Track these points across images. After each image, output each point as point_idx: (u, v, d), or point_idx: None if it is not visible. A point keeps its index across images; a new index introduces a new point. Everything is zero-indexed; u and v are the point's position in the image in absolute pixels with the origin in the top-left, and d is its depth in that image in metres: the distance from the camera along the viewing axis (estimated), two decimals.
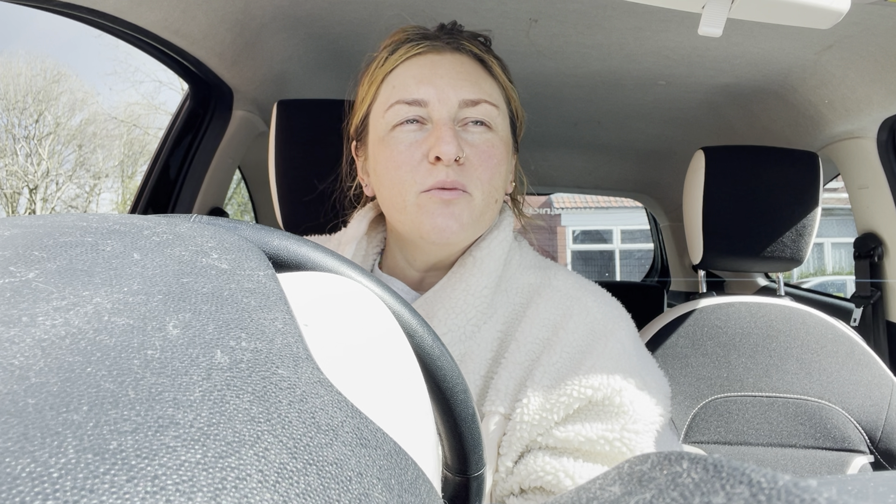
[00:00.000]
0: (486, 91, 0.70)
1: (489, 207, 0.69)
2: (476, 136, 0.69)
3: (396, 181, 0.68)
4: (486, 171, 0.68)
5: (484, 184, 0.68)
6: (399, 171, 0.67)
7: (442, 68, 0.69)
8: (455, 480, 0.35)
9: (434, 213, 0.66)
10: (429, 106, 0.68)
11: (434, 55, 0.70)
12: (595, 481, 0.20)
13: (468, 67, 0.71)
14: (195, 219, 0.29)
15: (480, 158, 0.68)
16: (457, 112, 0.68)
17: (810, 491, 0.14)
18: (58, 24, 23.28)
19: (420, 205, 0.67)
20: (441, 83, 0.68)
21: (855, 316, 1.50)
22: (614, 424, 0.61)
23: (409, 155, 0.67)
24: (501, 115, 0.72)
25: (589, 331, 0.67)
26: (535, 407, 0.62)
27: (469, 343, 0.68)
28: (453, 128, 0.67)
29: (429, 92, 0.68)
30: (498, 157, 0.69)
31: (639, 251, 12.03)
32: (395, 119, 0.69)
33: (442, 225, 0.66)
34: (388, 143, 0.69)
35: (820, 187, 1.22)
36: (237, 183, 2.04)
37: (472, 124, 0.69)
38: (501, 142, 0.71)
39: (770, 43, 1.25)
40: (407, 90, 0.69)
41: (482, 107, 0.69)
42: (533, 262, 0.76)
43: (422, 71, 0.69)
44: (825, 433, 1.09)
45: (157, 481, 0.15)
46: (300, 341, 0.22)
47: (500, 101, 0.72)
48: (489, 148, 0.69)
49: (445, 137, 0.65)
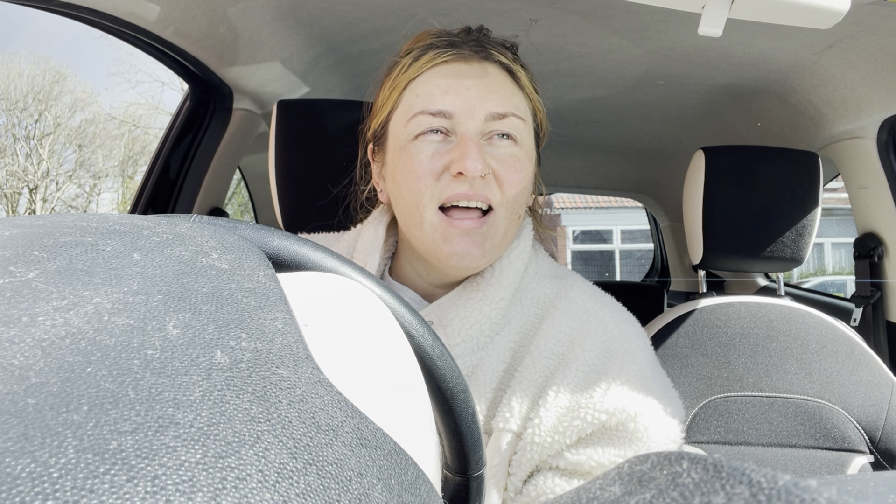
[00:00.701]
0: (514, 104, 0.68)
1: (512, 225, 0.68)
2: (502, 151, 0.67)
3: (415, 192, 0.65)
4: (511, 187, 0.66)
5: (510, 201, 0.66)
6: (418, 182, 0.65)
7: (469, 79, 0.66)
8: (455, 480, 0.35)
9: (454, 241, 0.64)
10: (454, 118, 0.65)
11: (461, 64, 0.67)
12: (595, 481, 0.20)
13: (496, 78, 0.68)
14: (195, 219, 0.29)
15: (507, 173, 0.66)
16: (483, 125, 0.66)
17: (810, 491, 0.14)
18: (60, 24, 23.30)
19: (438, 227, 0.65)
20: (468, 94, 0.65)
21: (855, 316, 1.50)
22: (628, 451, 0.60)
23: (430, 166, 0.65)
24: (527, 129, 0.69)
25: (605, 349, 0.65)
26: (547, 428, 0.61)
27: (481, 354, 0.66)
28: (479, 143, 0.65)
29: (455, 103, 0.65)
30: (523, 173, 0.67)
31: (639, 251, 12.03)
32: (417, 129, 0.66)
33: (463, 252, 0.64)
34: (409, 153, 0.67)
35: (820, 187, 1.22)
36: (237, 183, 2.04)
37: (497, 137, 0.67)
38: (526, 156, 0.69)
39: (770, 43, 1.25)
40: (432, 100, 0.66)
41: (509, 120, 0.67)
42: (549, 270, 0.75)
43: (447, 81, 0.67)
44: (825, 433, 1.09)
45: (157, 481, 0.15)
46: (300, 341, 0.22)
47: (526, 113, 0.70)
48: (515, 163, 0.67)
49: (472, 154, 0.63)
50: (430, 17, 0.84)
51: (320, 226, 0.96)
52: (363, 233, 0.78)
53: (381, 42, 1.32)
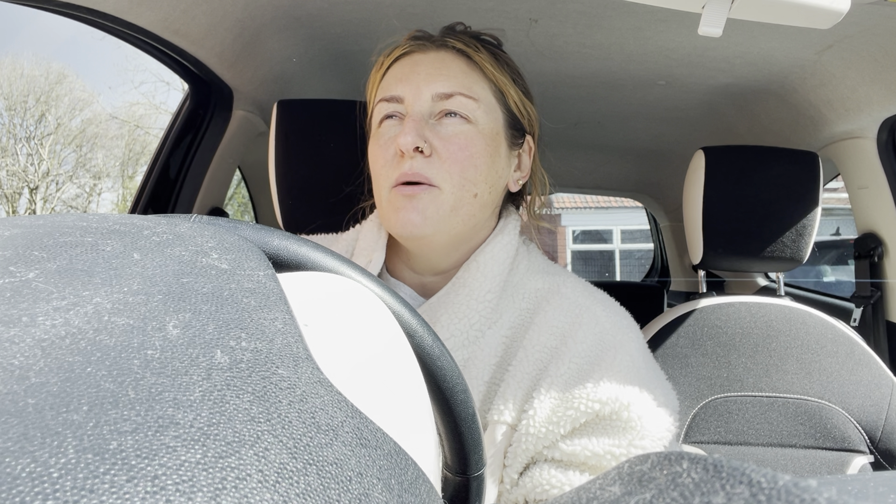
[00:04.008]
0: (464, 84, 0.69)
1: (464, 202, 0.68)
2: (448, 128, 0.68)
3: (377, 176, 0.70)
4: (455, 163, 0.67)
5: (454, 176, 0.67)
6: (376, 164, 0.70)
7: (421, 66, 0.70)
8: (455, 480, 0.35)
9: (399, 208, 0.66)
10: (405, 101, 0.69)
11: (418, 54, 0.72)
12: (595, 481, 0.20)
13: (448, 63, 0.71)
14: (195, 219, 0.29)
15: (450, 150, 0.67)
16: (431, 106, 0.69)
17: (810, 491, 0.14)
18: (60, 25, 23.30)
19: (390, 200, 0.68)
20: (417, 79, 0.69)
21: (855, 316, 1.50)
22: (622, 440, 0.60)
23: (386, 149, 0.69)
24: (484, 110, 0.70)
25: (598, 341, 0.66)
26: (541, 419, 0.61)
27: (472, 348, 0.67)
28: (418, 120, 0.67)
29: (405, 89, 0.69)
30: (473, 150, 0.68)
31: (639, 251, 12.03)
32: (378, 116, 0.72)
33: (404, 219, 0.66)
34: (375, 140, 0.72)
35: (820, 187, 1.22)
36: (237, 183, 2.04)
37: (446, 117, 0.69)
38: (480, 135, 0.69)
39: (770, 43, 1.25)
40: (388, 88, 0.71)
41: (456, 99, 0.68)
42: (541, 266, 0.75)
43: (403, 70, 0.71)
44: (825, 433, 1.09)
45: (157, 481, 0.15)
46: (300, 341, 0.22)
47: (483, 95, 0.71)
48: (462, 139, 0.68)
49: (406, 129, 0.66)
50: (428, 16, 0.84)
51: (320, 226, 0.96)
52: (363, 231, 0.79)
53: (381, 42, 1.32)
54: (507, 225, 0.75)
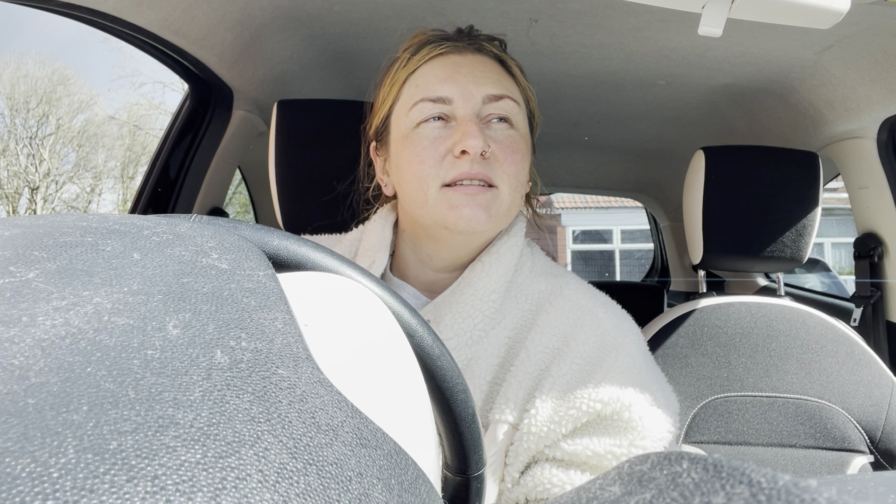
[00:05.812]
0: (508, 88, 0.72)
1: (515, 202, 0.71)
2: (500, 132, 0.70)
3: (419, 175, 0.69)
4: (511, 165, 0.69)
5: (511, 178, 0.69)
6: (422, 165, 0.69)
7: (465, 67, 0.71)
8: (455, 480, 0.35)
9: (458, 205, 0.67)
10: (453, 103, 0.69)
11: (456, 55, 0.72)
12: (595, 481, 0.20)
13: (489, 66, 0.73)
14: (195, 219, 0.29)
15: (505, 153, 0.69)
16: (480, 108, 0.70)
17: (810, 491, 0.14)
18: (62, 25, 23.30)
19: (444, 198, 0.67)
20: (464, 81, 0.70)
21: (855, 316, 1.50)
22: (622, 440, 0.61)
23: (434, 150, 0.68)
24: (521, 114, 0.73)
25: (599, 343, 0.67)
26: (543, 418, 0.62)
27: (476, 348, 0.67)
28: (478, 123, 0.68)
29: (452, 90, 0.69)
30: (521, 153, 0.71)
31: (639, 251, 12.02)
32: (419, 117, 0.70)
33: (469, 215, 0.66)
34: (412, 140, 0.70)
35: (820, 187, 1.22)
36: (237, 183, 2.04)
37: (495, 121, 0.71)
38: (522, 139, 0.72)
39: (770, 43, 1.25)
40: (431, 88, 0.70)
41: (505, 102, 0.71)
42: (545, 268, 0.76)
43: (445, 70, 0.71)
44: (825, 433, 1.09)
45: (157, 481, 0.15)
46: (300, 341, 0.22)
47: (520, 98, 0.74)
48: (513, 143, 0.70)
49: (472, 132, 0.66)
50: (429, 16, 0.84)
51: (322, 226, 0.96)
52: (367, 232, 0.79)
53: (381, 42, 1.32)
54: (513, 227, 0.75)
